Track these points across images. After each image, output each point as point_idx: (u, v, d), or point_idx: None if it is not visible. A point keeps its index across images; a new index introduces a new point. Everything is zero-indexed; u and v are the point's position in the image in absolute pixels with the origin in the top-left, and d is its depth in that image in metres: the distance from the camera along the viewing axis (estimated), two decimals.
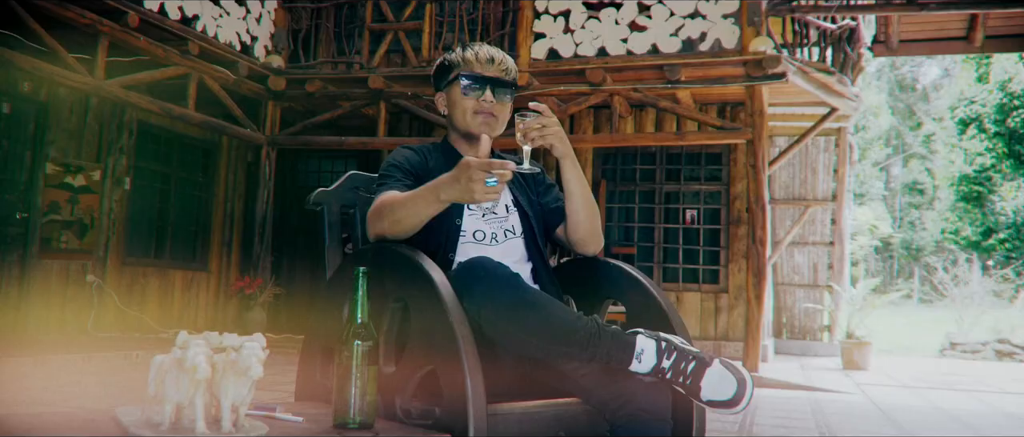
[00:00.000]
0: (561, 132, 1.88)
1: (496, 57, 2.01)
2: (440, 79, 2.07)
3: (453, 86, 2.00)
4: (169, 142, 8.89)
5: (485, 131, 1.98)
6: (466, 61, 2.00)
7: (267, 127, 8.53)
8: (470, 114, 1.98)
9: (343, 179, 2.05)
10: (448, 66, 2.04)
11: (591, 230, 2.01)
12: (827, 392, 6.43)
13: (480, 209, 1.98)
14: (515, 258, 1.98)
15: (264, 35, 8.37)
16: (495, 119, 2.00)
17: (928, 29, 7.54)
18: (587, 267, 2.03)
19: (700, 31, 7.18)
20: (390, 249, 1.64)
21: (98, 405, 3.97)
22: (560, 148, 1.89)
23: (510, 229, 2.00)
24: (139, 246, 8.58)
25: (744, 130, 7.22)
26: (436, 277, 1.52)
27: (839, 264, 10.43)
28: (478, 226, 1.96)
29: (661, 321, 1.80)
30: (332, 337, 1.70)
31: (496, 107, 1.99)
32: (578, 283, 2.04)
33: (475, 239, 1.94)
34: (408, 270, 1.57)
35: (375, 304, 1.59)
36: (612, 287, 1.95)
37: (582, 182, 1.98)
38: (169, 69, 7.31)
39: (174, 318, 8.81)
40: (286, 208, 9.73)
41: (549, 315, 1.55)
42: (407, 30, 8.34)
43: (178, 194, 9.07)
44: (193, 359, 1.18)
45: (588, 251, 2.04)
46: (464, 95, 1.97)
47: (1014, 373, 9.31)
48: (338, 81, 8.36)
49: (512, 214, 2.03)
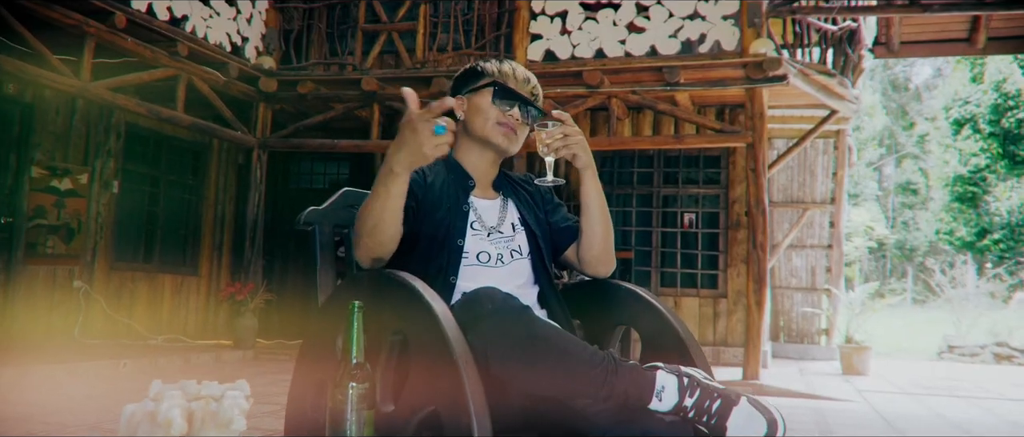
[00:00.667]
0: (584, 141, 1.79)
1: (532, 80, 1.96)
2: (465, 83, 1.96)
3: (481, 93, 1.91)
4: (158, 144, 8.74)
5: (502, 143, 1.90)
6: (502, 73, 1.92)
7: (258, 129, 8.38)
8: (493, 123, 1.89)
9: (336, 196, 1.91)
10: (479, 73, 1.94)
11: (606, 248, 1.91)
12: (830, 400, 6.33)
13: (484, 227, 1.86)
14: (521, 281, 1.86)
15: (255, 36, 8.22)
16: (515, 135, 1.92)
17: (930, 31, 7.44)
18: (597, 290, 1.90)
19: (699, 32, 7.06)
20: (387, 276, 1.51)
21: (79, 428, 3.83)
22: (583, 158, 1.81)
23: (516, 250, 1.89)
24: (127, 250, 8.42)
25: (744, 133, 7.10)
26: (438, 309, 1.38)
27: (837, 267, 10.34)
28: (482, 247, 1.85)
29: (678, 350, 1.68)
30: (324, 371, 1.56)
31: (519, 126, 1.91)
32: (587, 307, 1.91)
33: (479, 261, 1.83)
34: (407, 300, 1.44)
35: (372, 337, 1.46)
36: (624, 312, 1.82)
37: (601, 196, 1.90)
38: (157, 71, 7.16)
39: (163, 323, 8.66)
40: (278, 211, 9.59)
41: (563, 351, 1.42)
42: (401, 31, 8.20)
43: (167, 197, 8.91)
44: (167, 412, 1.05)
45: (599, 272, 1.92)
46: (493, 104, 1.89)
47: (1013, 377, 9.22)
48: (330, 83, 8.21)
49: (519, 233, 1.92)
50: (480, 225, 1.87)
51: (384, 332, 1.49)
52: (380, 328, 1.49)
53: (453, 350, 1.33)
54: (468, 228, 1.84)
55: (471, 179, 1.93)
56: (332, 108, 8.44)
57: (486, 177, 1.97)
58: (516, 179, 2.06)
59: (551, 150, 1.76)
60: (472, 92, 1.93)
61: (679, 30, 7.12)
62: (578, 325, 1.90)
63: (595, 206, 1.89)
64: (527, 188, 2.05)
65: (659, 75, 7.17)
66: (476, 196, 1.92)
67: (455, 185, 1.90)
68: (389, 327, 1.48)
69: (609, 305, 1.86)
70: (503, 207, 1.95)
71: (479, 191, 1.94)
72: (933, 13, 6.43)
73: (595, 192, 1.88)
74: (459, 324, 1.38)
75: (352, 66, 8.16)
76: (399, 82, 7.95)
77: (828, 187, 9.95)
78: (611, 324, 1.86)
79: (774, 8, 6.93)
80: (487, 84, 1.90)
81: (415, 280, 1.45)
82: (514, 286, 1.83)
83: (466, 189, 1.91)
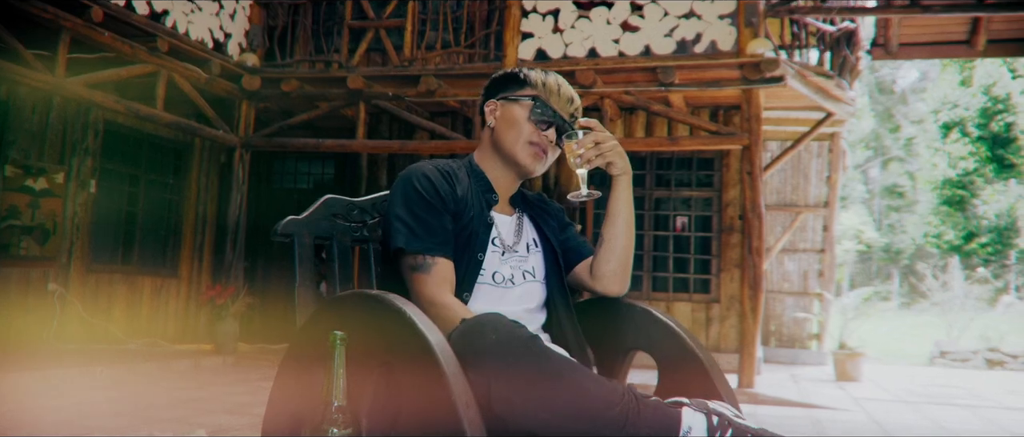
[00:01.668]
0: (618, 146, 1.65)
1: (576, 101, 1.79)
2: (503, 88, 1.80)
3: (518, 104, 1.75)
4: (138, 143, 8.48)
5: (529, 164, 1.74)
6: (547, 88, 1.75)
7: (241, 128, 8.15)
8: (524, 141, 1.73)
9: (318, 205, 1.72)
10: (523, 81, 1.77)
11: (625, 263, 1.74)
12: (826, 410, 6.19)
13: (502, 245, 1.71)
14: (532, 304, 1.71)
15: (238, 32, 7.99)
16: (545, 158, 1.76)
17: (929, 32, 7.30)
18: (607, 310, 1.72)
19: (695, 32, 6.89)
20: (374, 299, 1.32)
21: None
22: (620, 164, 1.68)
23: (529, 271, 1.74)
24: (105, 252, 8.17)
25: (740, 135, 6.94)
26: (432, 340, 1.19)
27: (829, 271, 10.22)
28: (497, 266, 1.69)
29: (700, 379, 1.50)
30: (302, 404, 1.37)
31: (552, 148, 1.75)
32: (598, 329, 1.73)
33: (493, 281, 1.68)
34: (396, 327, 1.25)
35: (357, 368, 1.27)
36: (638, 335, 1.64)
37: (631, 205, 1.74)
38: (136, 67, 6.93)
39: (142, 327, 8.41)
40: (261, 212, 9.35)
41: (578, 389, 1.24)
42: (388, 28, 7.99)
43: (147, 197, 8.66)
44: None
45: (612, 290, 1.73)
46: (529, 119, 1.72)
47: (1008, 384, 9.12)
48: (316, 81, 8.00)
49: (534, 254, 1.77)
50: (499, 242, 1.72)
51: (371, 362, 1.30)
52: (366, 357, 1.30)
53: (450, 388, 1.15)
54: (489, 243, 1.70)
55: (495, 193, 1.78)
56: (317, 107, 8.23)
57: (507, 193, 1.82)
58: (531, 198, 1.92)
59: (585, 161, 1.62)
60: (509, 100, 1.76)
61: (674, 29, 6.95)
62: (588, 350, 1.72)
63: (623, 215, 1.74)
64: (542, 207, 1.91)
65: (653, 75, 7.00)
66: (496, 211, 1.78)
67: (479, 195, 1.75)
68: (377, 357, 1.29)
69: (620, 327, 1.68)
70: (519, 225, 1.80)
71: (499, 206, 1.79)
72: (934, 14, 6.30)
73: (626, 201, 1.74)
74: (458, 357, 1.19)
75: (338, 64, 7.95)
76: (386, 80, 7.75)
77: (821, 190, 9.83)
78: (623, 348, 1.68)
79: (772, 8, 6.77)
80: (527, 96, 1.74)
81: (407, 304, 1.26)
82: (523, 310, 1.67)
83: (489, 203, 1.76)
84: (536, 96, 1.72)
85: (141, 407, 4.75)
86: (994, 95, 23.08)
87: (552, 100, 1.73)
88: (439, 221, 1.59)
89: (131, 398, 5.08)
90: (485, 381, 1.21)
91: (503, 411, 1.21)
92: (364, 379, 1.29)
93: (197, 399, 5.22)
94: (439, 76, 7.50)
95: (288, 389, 1.45)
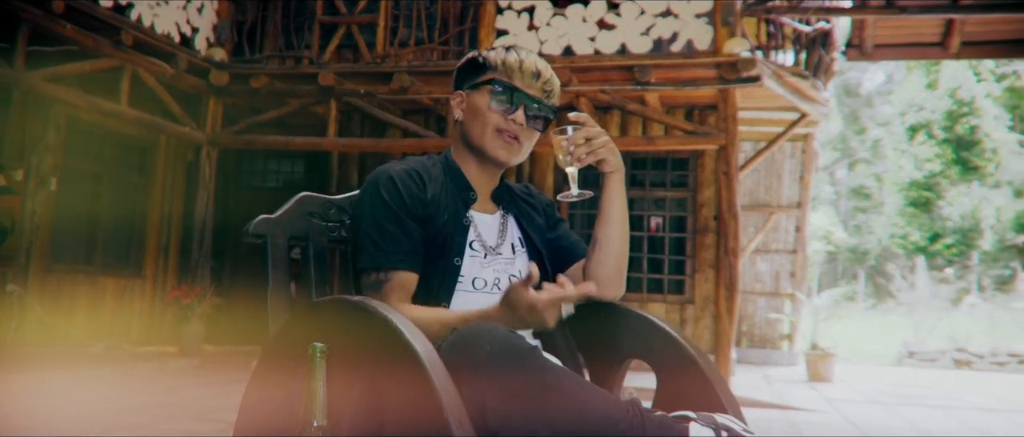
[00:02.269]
0: (611, 143, 1.53)
1: (544, 74, 1.60)
2: (466, 78, 1.65)
3: (481, 91, 1.60)
4: (101, 139, 8.24)
5: (503, 156, 1.60)
6: (507, 66, 1.59)
7: (208, 125, 7.96)
8: (491, 131, 1.58)
9: (292, 203, 1.60)
10: (481, 65, 1.62)
11: (620, 266, 1.62)
12: (801, 411, 6.17)
13: (483, 247, 1.58)
14: None
15: (206, 26, 7.79)
16: (519, 145, 1.60)
17: (904, 34, 7.32)
18: (602, 316, 1.62)
19: (672, 31, 6.84)
20: (356, 306, 1.21)
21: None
22: (612, 162, 1.55)
23: (516, 275, 1.61)
24: (66, 251, 7.92)
25: (717, 135, 6.90)
26: (421, 351, 1.09)
27: (801, 272, 10.25)
28: (478, 271, 1.56)
29: (701, 388, 1.41)
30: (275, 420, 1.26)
31: (524, 132, 1.60)
32: (591, 336, 1.63)
33: (474, 287, 1.55)
34: (381, 338, 1.14)
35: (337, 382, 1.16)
36: (635, 342, 1.54)
37: (625, 204, 1.62)
38: (100, 61, 6.72)
39: (105, 329, 8.16)
40: (228, 211, 9.15)
41: (581, 405, 1.14)
42: (360, 24, 7.85)
43: (110, 195, 8.41)
44: None
45: (607, 294, 1.63)
46: (491, 106, 1.57)
47: (977, 384, 9.20)
48: (286, 77, 7.83)
49: (520, 255, 1.64)
50: (479, 245, 1.59)
51: (351, 376, 1.19)
52: (347, 369, 1.19)
53: (441, 403, 1.05)
54: (467, 247, 1.57)
55: (473, 191, 1.64)
56: (287, 103, 8.06)
57: (486, 189, 1.68)
58: (516, 191, 1.78)
59: (575, 159, 1.50)
60: (472, 89, 1.62)
61: (651, 28, 6.90)
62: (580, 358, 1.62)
63: (617, 215, 1.61)
64: (528, 201, 1.77)
65: (629, 74, 6.94)
66: (476, 210, 1.64)
67: (454, 194, 1.61)
68: (360, 371, 1.19)
69: (616, 334, 1.58)
70: (503, 224, 1.67)
71: (479, 204, 1.65)
72: (910, 15, 6.30)
73: (619, 199, 1.61)
74: (450, 370, 1.09)
75: (309, 60, 7.80)
76: (358, 77, 7.61)
77: (794, 191, 9.84)
78: (618, 356, 1.58)
79: (748, 7, 6.74)
80: (487, 80, 1.59)
81: (391, 312, 1.15)
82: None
83: (466, 202, 1.62)
84: (496, 79, 1.57)
85: (102, 413, 4.58)
86: (959, 98, 23.44)
87: (515, 79, 1.57)
88: (403, 230, 1.48)
89: (91, 403, 4.90)
90: (479, 396, 1.11)
91: (499, 425, 1.11)
92: (345, 393, 1.19)
93: (161, 404, 5.06)
94: (412, 73, 7.38)
95: (261, 402, 1.34)
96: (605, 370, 1.58)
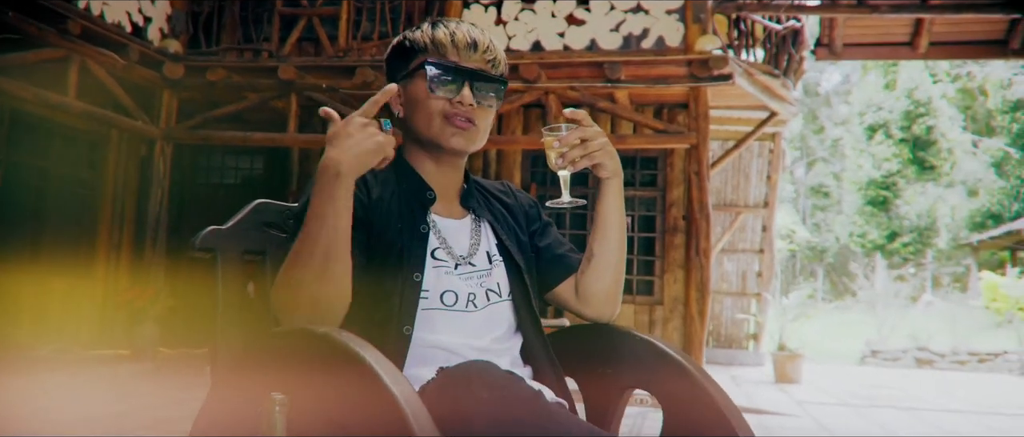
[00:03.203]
0: (609, 145, 1.36)
1: (480, 41, 1.38)
2: (397, 67, 1.42)
3: (416, 79, 1.37)
4: (48, 133, 7.87)
5: (459, 145, 1.37)
6: (437, 44, 1.36)
7: (162, 119, 7.64)
8: (438, 119, 1.35)
9: (246, 212, 1.39)
10: (409, 49, 1.39)
11: (617, 281, 1.46)
12: (773, 415, 6.10)
13: (450, 256, 1.36)
14: (499, 331, 1.37)
15: (159, 16, 7.48)
16: (475, 128, 1.38)
17: (873, 33, 7.28)
18: (598, 340, 1.44)
19: (642, 27, 6.71)
20: (321, 338, 1.02)
21: None
22: (610, 166, 1.38)
23: (494, 289, 1.38)
24: (10, 251, 7.54)
25: (688, 134, 6.79)
26: (400, 396, 0.91)
27: (768, 271, 10.23)
28: (448, 283, 1.34)
29: (716, 424, 1.24)
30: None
31: (477, 112, 1.37)
32: (585, 363, 1.45)
33: (443, 303, 1.32)
34: (352, 379, 0.96)
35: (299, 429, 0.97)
36: (637, 371, 1.37)
37: (623, 213, 1.45)
38: (45, 51, 6.38)
39: (52, 332, 7.81)
40: (184, 209, 8.83)
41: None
42: (322, 16, 7.60)
43: (58, 192, 8.04)
44: None
45: (602, 313, 1.45)
46: (431, 92, 1.34)
47: (943, 384, 9.25)
48: (244, 70, 7.54)
49: (497, 265, 1.42)
50: (445, 253, 1.36)
51: (316, 422, 1.00)
52: (310, 414, 1.01)
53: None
54: (428, 257, 1.34)
55: (431, 190, 1.41)
56: (245, 98, 7.77)
57: (449, 188, 1.45)
58: (492, 190, 1.55)
59: (567, 161, 1.32)
60: (406, 78, 1.40)
61: (621, 24, 6.75)
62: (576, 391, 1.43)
63: (615, 225, 1.44)
64: (504, 200, 1.54)
65: (599, 71, 6.79)
66: (438, 213, 1.41)
67: (409, 197, 1.38)
68: (323, 415, 1.00)
69: (615, 361, 1.40)
70: (475, 229, 1.44)
71: (442, 206, 1.42)
72: (881, 14, 6.24)
73: (617, 208, 1.44)
74: (437, 420, 0.90)
75: (268, 53, 7.53)
76: (319, 71, 7.36)
77: (761, 190, 9.80)
78: (617, 386, 1.40)
79: (719, 4, 6.63)
80: (419, 65, 1.36)
81: (366, 348, 0.97)
82: (490, 339, 1.34)
83: (424, 203, 1.39)
84: (428, 61, 1.34)
85: (47, 425, 4.31)
86: (916, 99, 23.79)
87: (449, 55, 1.36)
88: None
89: (35, 414, 4.61)
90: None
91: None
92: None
93: (114, 414, 4.78)
94: (376, 67, 7.15)
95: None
96: (603, 402, 1.41)
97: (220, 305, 1.25)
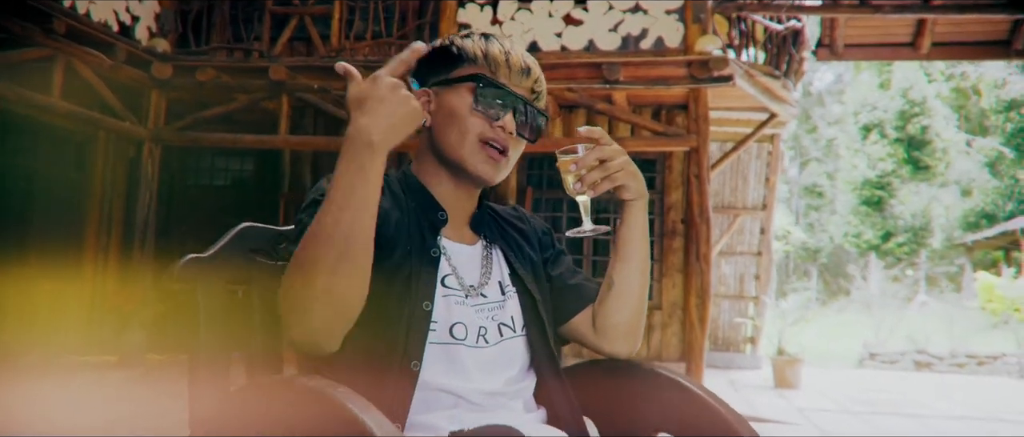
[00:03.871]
0: (631, 165, 1.22)
1: (533, 70, 1.28)
2: (437, 70, 1.28)
3: (458, 89, 1.24)
4: (33, 134, 7.71)
5: (486, 173, 1.25)
6: (491, 59, 1.24)
7: (150, 120, 7.48)
8: (472, 141, 1.23)
9: (230, 236, 1.25)
10: (457, 56, 1.26)
11: (638, 313, 1.32)
12: (774, 423, 5.98)
13: (461, 285, 1.23)
14: (513, 370, 1.24)
15: (147, 15, 7.32)
16: (506, 160, 1.26)
17: (874, 34, 7.17)
18: (618, 378, 1.31)
19: (641, 27, 6.58)
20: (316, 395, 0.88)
21: None
22: (633, 188, 1.26)
23: (507, 323, 1.25)
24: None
25: (688, 137, 6.66)
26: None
27: (766, 274, 10.12)
28: (459, 315, 1.21)
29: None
30: None
31: (512, 143, 1.26)
32: (603, 402, 1.32)
33: (454, 337, 1.19)
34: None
35: None
36: (666, 413, 1.24)
37: (647, 239, 1.31)
38: (29, 50, 6.22)
39: (39, 337, 7.65)
40: (173, 210, 8.67)
41: None
42: (314, 16, 7.46)
43: (45, 194, 7.88)
44: None
45: (620, 349, 1.32)
46: (475, 110, 1.22)
47: (944, 389, 9.15)
48: (234, 70, 7.39)
49: (510, 297, 1.28)
50: (455, 281, 1.23)
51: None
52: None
53: None
54: (438, 284, 1.20)
55: (442, 211, 1.28)
56: (235, 99, 7.62)
57: (461, 211, 1.32)
58: (504, 215, 1.43)
59: (586, 185, 1.20)
60: (444, 85, 1.26)
61: (619, 24, 6.63)
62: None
63: (638, 252, 1.31)
64: (518, 226, 1.42)
65: (597, 72, 6.65)
66: (449, 237, 1.28)
67: (419, 216, 1.25)
68: None
69: (639, 401, 1.27)
70: (486, 257, 1.31)
71: (453, 230, 1.30)
72: (883, 15, 6.13)
73: (641, 233, 1.31)
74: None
75: (259, 53, 7.38)
76: (311, 71, 7.21)
77: (759, 192, 9.69)
78: (640, 430, 1.27)
79: (719, 4, 6.51)
80: (467, 76, 1.23)
81: (368, 410, 0.83)
82: (503, 381, 1.21)
83: (434, 225, 1.26)
84: (478, 74, 1.23)
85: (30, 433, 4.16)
86: (911, 98, 23.76)
87: (500, 75, 1.24)
88: None
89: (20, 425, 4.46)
90: None
91: None
92: None
93: (101, 424, 4.64)
94: (369, 68, 6.99)
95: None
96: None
97: (203, 346, 1.12)
